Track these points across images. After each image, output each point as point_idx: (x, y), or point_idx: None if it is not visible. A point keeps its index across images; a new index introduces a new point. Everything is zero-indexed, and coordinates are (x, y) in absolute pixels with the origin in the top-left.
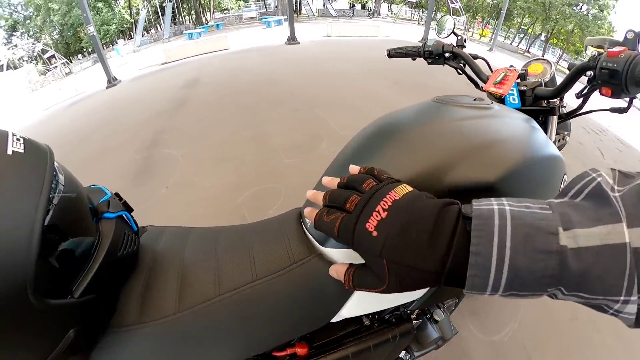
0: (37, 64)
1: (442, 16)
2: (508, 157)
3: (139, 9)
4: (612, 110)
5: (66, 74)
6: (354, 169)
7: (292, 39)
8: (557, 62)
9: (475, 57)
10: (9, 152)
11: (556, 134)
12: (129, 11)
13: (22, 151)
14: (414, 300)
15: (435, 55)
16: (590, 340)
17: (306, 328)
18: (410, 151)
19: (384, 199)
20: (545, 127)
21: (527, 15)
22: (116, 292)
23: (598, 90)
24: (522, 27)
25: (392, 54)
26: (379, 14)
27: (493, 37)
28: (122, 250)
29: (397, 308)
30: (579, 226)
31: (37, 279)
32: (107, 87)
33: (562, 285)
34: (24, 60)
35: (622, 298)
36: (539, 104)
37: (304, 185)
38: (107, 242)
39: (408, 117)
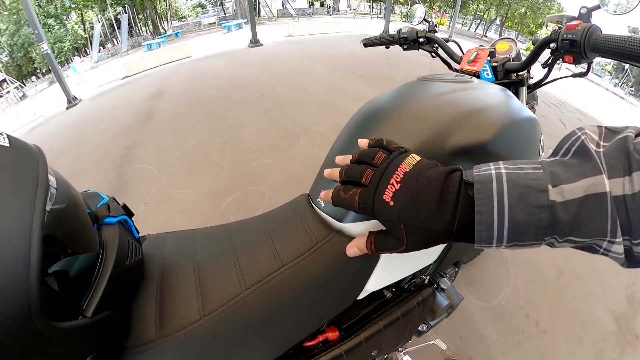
0: None
1: (412, 5)
2: (495, 121)
3: (92, 23)
4: (575, 75)
5: (20, 98)
6: (362, 142)
7: (254, 42)
8: None
9: (447, 40)
10: None
11: (526, 104)
12: (82, 26)
13: (8, 145)
14: (429, 265)
15: (410, 41)
16: (578, 290)
17: (336, 309)
18: (407, 124)
19: (396, 172)
20: (516, 97)
21: (481, 2)
22: (127, 310)
23: (561, 58)
24: (478, 13)
25: (368, 43)
26: (338, 11)
27: (451, 24)
28: (130, 258)
29: (413, 276)
30: (566, 182)
31: (41, 300)
32: (67, 108)
33: (556, 233)
34: None
35: (607, 239)
36: (509, 77)
37: (287, 184)
38: (114, 250)
39: (400, 95)
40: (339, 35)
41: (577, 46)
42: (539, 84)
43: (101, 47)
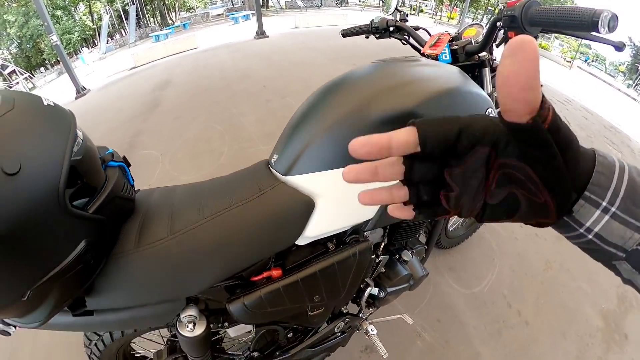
0: None
1: None
2: (426, 89)
3: (101, 14)
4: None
5: (29, 89)
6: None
7: (260, 33)
8: None
9: (417, 28)
10: (45, 103)
11: (495, 86)
12: (90, 17)
13: (53, 105)
14: (368, 221)
15: (381, 30)
16: (566, 285)
17: (277, 246)
18: (350, 97)
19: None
20: (481, 80)
21: None
22: (117, 229)
23: (507, 35)
24: (490, 8)
25: (346, 33)
26: (347, 3)
27: (460, 18)
28: (123, 191)
29: (355, 232)
30: None
31: (65, 190)
32: (76, 98)
33: None
34: None
35: None
36: (473, 59)
37: None
38: (112, 182)
39: (350, 75)
40: (345, 27)
41: (517, 21)
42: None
43: (109, 38)
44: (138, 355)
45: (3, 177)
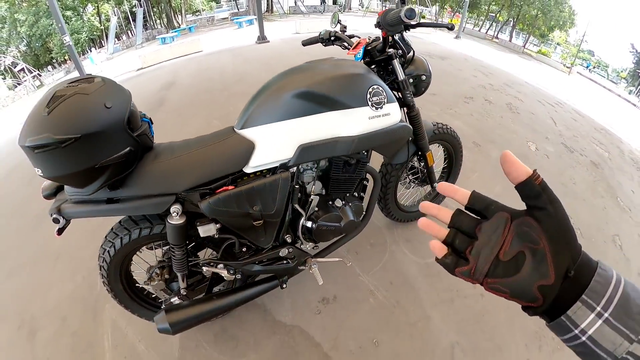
0: (5, 78)
1: (334, 11)
2: (328, 74)
3: (109, 16)
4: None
5: (37, 87)
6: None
7: (262, 38)
8: (524, 46)
9: (352, 36)
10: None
11: (415, 75)
12: (98, 18)
13: (116, 82)
14: (289, 160)
15: (326, 40)
16: None
17: (230, 169)
18: (281, 80)
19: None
20: (393, 68)
21: (493, 3)
22: (142, 153)
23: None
24: (492, 14)
25: (305, 43)
26: (350, 9)
27: (460, 25)
28: (146, 135)
29: (283, 166)
30: None
31: (127, 124)
32: None
33: None
34: None
35: None
36: (386, 54)
37: None
38: (144, 126)
39: (289, 69)
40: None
41: (381, 25)
42: (402, 56)
43: (116, 40)
44: (135, 277)
45: (105, 109)
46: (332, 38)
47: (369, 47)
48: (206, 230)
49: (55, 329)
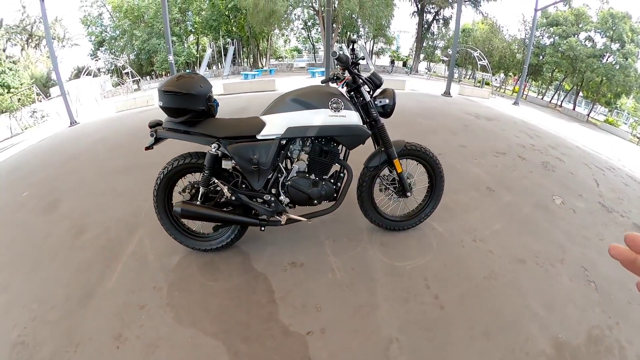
0: (112, 76)
1: (324, 81)
2: (316, 93)
3: (205, 47)
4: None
5: (134, 90)
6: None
7: None
8: (589, 115)
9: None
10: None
11: (381, 100)
12: (196, 47)
13: (204, 75)
14: (281, 134)
15: (334, 80)
16: (511, 300)
17: (251, 133)
18: (289, 92)
19: None
20: (363, 94)
21: (556, 70)
22: (207, 117)
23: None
24: (557, 82)
25: (323, 81)
26: (417, 71)
27: (519, 93)
28: (214, 109)
29: (284, 140)
30: None
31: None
32: None
33: None
34: (100, 71)
35: None
36: (357, 84)
37: None
38: (215, 103)
39: (299, 89)
40: (400, 92)
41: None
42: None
43: (207, 68)
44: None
45: (199, 87)
46: (334, 78)
47: (347, 80)
48: (226, 164)
49: (98, 233)
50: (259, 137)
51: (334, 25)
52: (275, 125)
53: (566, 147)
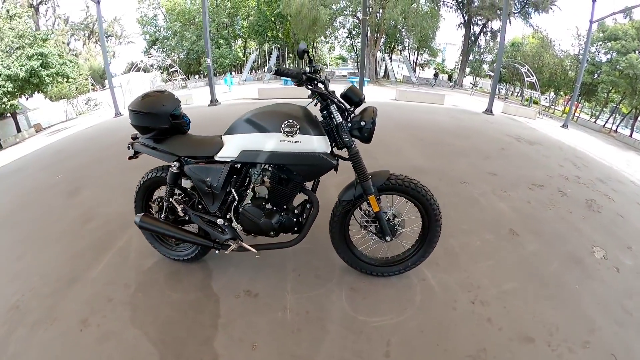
0: (162, 73)
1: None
2: (263, 109)
3: (251, 50)
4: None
5: (182, 87)
6: None
7: None
8: None
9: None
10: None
11: (356, 122)
12: (243, 51)
13: (174, 94)
14: (235, 157)
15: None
16: None
17: (207, 153)
18: (251, 110)
19: None
20: (331, 112)
21: (612, 90)
22: (174, 134)
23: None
24: (613, 104)
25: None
26: (461, 86)
27: (570, 112)
28: (184, 125)
29: (237, 164)
30: None
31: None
32: (209, 105)
33: None
34: (152, 67)
35: None
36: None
37: None
38: (181, 121)
39: (264, 106)
40: (438, 106)
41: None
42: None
43: (251, 71)
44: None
45: (162, 105)
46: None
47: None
48: (185, 183)
49: (99, 225)
50: (216, 158)
51: (377, 34)
52: (231, 147)
53: (618, 182)
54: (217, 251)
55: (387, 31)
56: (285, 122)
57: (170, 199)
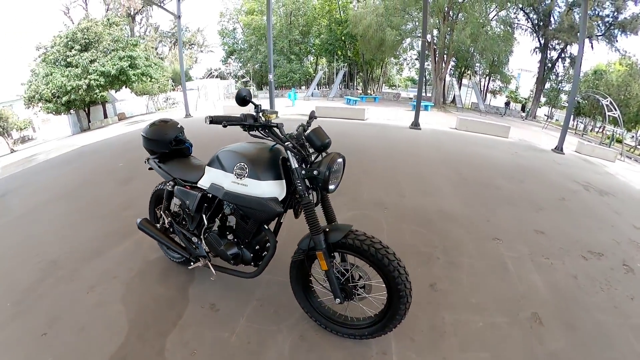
0: (237, 81)
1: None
2: (231, 148)
3: (320, 67)
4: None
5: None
6: None
7: (415, 124)
8: None
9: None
10: (177, 122)
11: (310, 169)
12: (313, 67)
13: (178, 122)
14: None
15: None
16: None
17: (192, 179)
18: (226, 146)
19: None
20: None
21: None
22: (176, 157)
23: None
24: None
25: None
26: (534, 117)
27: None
28: (185, 150)
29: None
30: None
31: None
32: None
33: None
34: (229, 75)
35: None
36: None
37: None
38: (182, 146)
39: (238, 144)
40: (501, 140)
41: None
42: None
43: (318, 87)
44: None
45: (164, 133)
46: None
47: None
48: (175, 202)
49: (133, 214)
50: (198, 184)
51: (445, 57)
52: (207, 178)
53: None
54: (192, 263)
55: (457, 54)
56: (237, 165)
57: (165, 211)
